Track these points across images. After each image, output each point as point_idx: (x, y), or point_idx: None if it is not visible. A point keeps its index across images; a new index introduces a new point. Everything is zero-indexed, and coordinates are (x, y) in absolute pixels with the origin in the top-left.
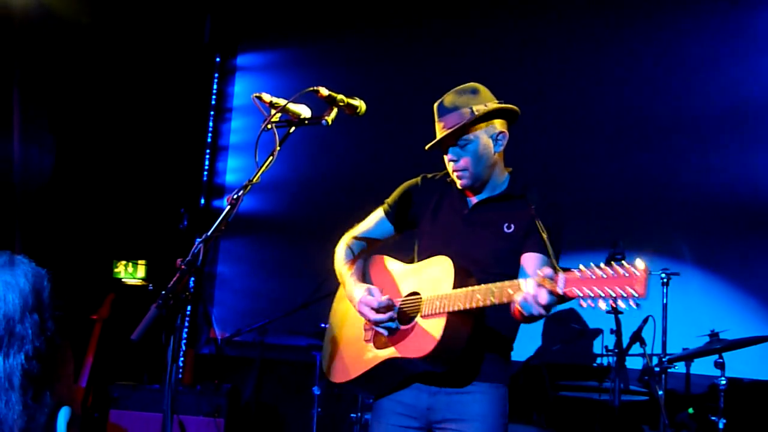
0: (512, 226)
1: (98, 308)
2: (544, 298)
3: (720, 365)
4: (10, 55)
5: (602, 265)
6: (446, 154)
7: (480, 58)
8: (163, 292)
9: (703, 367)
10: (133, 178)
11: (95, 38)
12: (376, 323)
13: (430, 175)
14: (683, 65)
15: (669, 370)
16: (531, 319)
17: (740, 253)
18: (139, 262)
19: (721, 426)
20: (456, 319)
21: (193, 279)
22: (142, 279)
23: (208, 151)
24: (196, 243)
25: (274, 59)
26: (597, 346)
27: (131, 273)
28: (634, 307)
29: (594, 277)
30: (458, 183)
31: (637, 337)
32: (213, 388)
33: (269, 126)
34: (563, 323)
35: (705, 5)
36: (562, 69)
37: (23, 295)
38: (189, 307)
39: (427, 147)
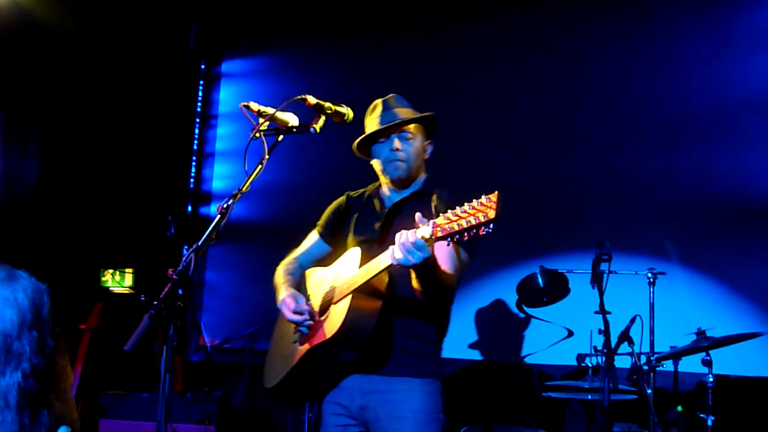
0: (425, 219)
1: (86, 318)
2: (411, 237)
3: (707, 363)
4: None
5: (465, 204)
6: (386, 144)
7: (469, 62)
8: (156, 303)
9: (691, 364)
10: (120, 186)
11: (80, 46)
12: (295, 324)
13: (353, 193)
14: (669, 65)
15: (657, 369)
16: (422, 283)
17: (726, 251)
18: (127, 270)
19: (709, 423)
20: (361, 298)
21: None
22: (130, 287)
23: (194, 158)
24: (187, 252)
25: (258, 66)
26: (585, 346)
27: (119, 281)
28: (489, 230)
29: (455, 216)
30: (394, 173)
31: (625, 336)
32: (203, 396)
33: (257, 134)
34: (551, 325)
35: (692, 6)
36: (549, 70)
37: (22, 312)
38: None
39: (370, 133)
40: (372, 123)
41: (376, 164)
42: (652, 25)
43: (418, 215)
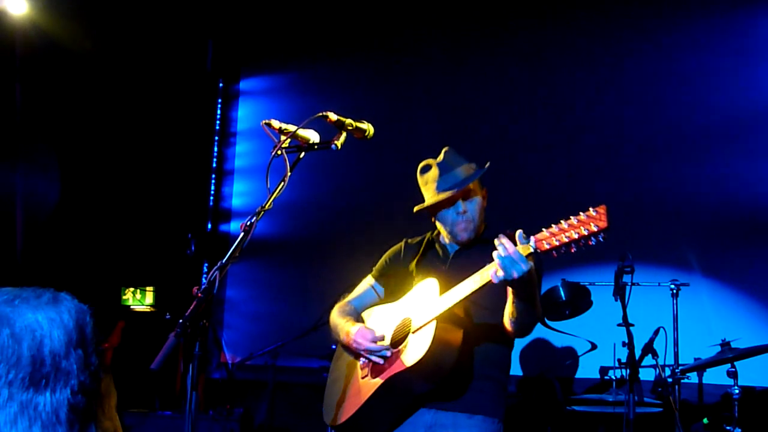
0: (523, 236)
1: (108, 336)
2: (518, 253)
3: (733, 374)
4: (12, 85)
5: (566, 219)
6: (452, 206)
7: (484, 77)
8: (181, 321)
9: (716, 376)
10: (140, 204)
11: (99, 66)
12: (370, 351)
13: (410, 240)
14: (691, 75)
15: (682, 381)
16: (519, 307)
17: (748, 261)
18: (147, 288)
19: None
20: (445, 328)
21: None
22: (151, 305)
23: (213, 176)
24: (212, 271)
25: (276, 83)
26: (609, 359)
27: (139, 300)
28: (601, 239)
29: (558, 229)
30: (463, 235)
31: (648, 348)
32: (225, 413)
33: (279, 152)
34: (574, 338)
35: (710, 17)
36: (565, 84)
37: (67, 331)
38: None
39: (439, 201)
40: (430, 187)
41: (440, 224)
42: (671, 36)
43: (518, 232)
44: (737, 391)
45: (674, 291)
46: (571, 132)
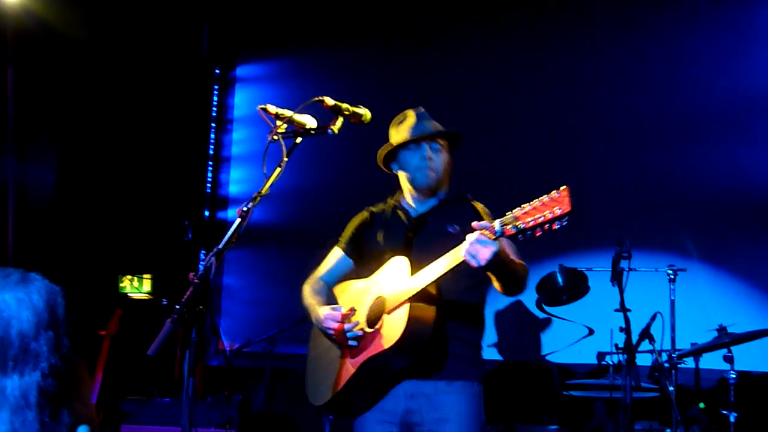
0: (456, 226)
1: (106, 324)
2: (487, 242)
3: (729, 359)
4: (5, 71)
5: (531, 202)
6: (417, 151)
7: (483, 61)
8: (177, 307)
9: (713, 361)
10: (136, 191)
11: (94, 54)
12: (342, 333)
13: (374, 207)
14: (685, 62)
15: (678, 366)
16: (501, 279)
17: (746, 247)
18: (145, 276)
19: (732, 419)
20: (418, 306)
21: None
22: (148, 293)
23: (210, 162)
24: (208, 256)
25: (273, 69)
26: (606, 345)
27: (137, 287)
28: (564, 224)
29: (523, 212)
30: (424, 180)
31: (645, 334)
32: (223, 400)
33: (275, 137)
34: (572, 323)
35: (710, 3)
36: (564, 70)
37: (37, 312)
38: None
39: (418, 135)
40: (402, 132)
41: (403, 173)
42: (670, 21)
43: (475, 223)
44: (733, 376)
45: (671, 276)
46: (568, 117)
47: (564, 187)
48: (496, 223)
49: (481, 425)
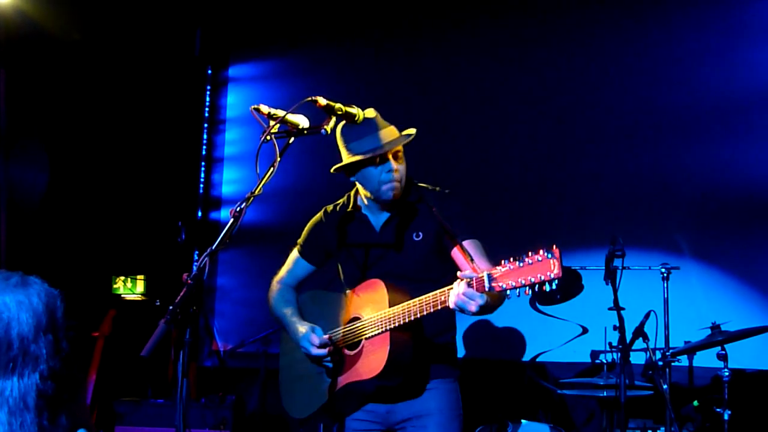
0: (420, 233)
1: (99, 325)
2: (475, 295)
3: (723, 357)
4: None
5: (518, 258)
6: (383, 164)
7: (473, 61)
8: (171, 307)
9: (706, 359)
10: (129, 193)
11: (87, 54)
12: (318, 359)
13: (330, 208)
14: (677, 60)
15: (672, 364)
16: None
17: (739, 244)
18: (138, 277)
19: (726, 417)
20: (399, 334)
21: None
22: (142, 294)
23: (203, 163)
24: (201, 257)
25: (265, 69)
26: (600, 343)
27: (130, 288)
28: (553, 287)
29: (513, 269)
30: (390, 194)
31: (639, 332)
32: (217, 401)
33: (268, 137)
34: (565, 322)
35: (696, 1)
36: (556, 68)
37: (36, 315)
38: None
39: (373, 154)
40: (364, 144)
41: (365, 186)
42: (664, 17)
43: (461, 273)
44: (727, 374)
45: (665, 275)
46: (561, 114)
47: (555, 248)
48: (485, 278)
49: (460, 420)
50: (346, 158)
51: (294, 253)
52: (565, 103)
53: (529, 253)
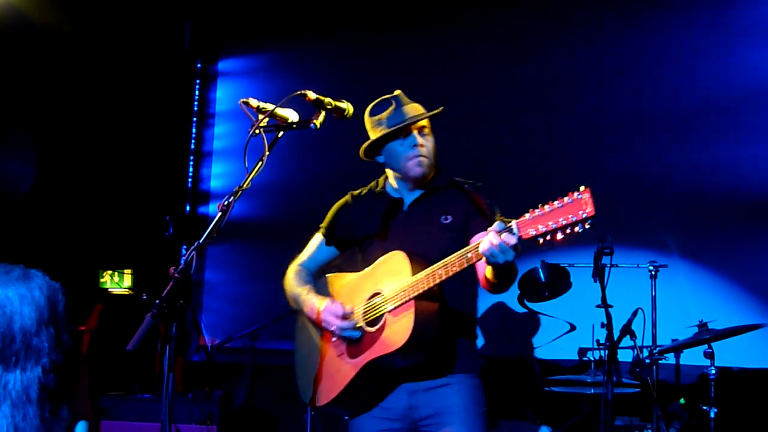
0: (449, 217)
1: (86, 319)
2: (511, 239)
3: (709, 355)
4: None
5: (549, 203)
6: (409, 141)
7: (467, 56)
8: (158, 302)
9: (693, 357)
10: (117, 186)
11: (76, 47)
12: (342, 330)
13: (356, 192)
14: (670, 59)
15: (659, 362)
16: (500, 277)
17: (726, 243)
18: (125, 271)
19: (712, 415)
20: (424, 304)
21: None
22: (129, 288)
23: (192, 157)
24: (189, 251)
25: (255, 64)
26: (587, 341)
27: (117, 282)
28: (587, 227)
29: (542, 213)
30: (416, 170)
31: (627, 329)
32: (204, 396)
33: (257, 131)
34: (553, 319)
35: (683, 2)
36: (545, 63)
37: (39, 309)
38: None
39: (405, 122)
40: (381, 122)
41: (392, 165)
42: (654, 18)
43: (496, 224)
44: (714, 372)
45: (653, 272)
46: (550, 113)
47: (584, 187)
48: (513, 225)
49: (485, 416)
50: (372, 136)
51: (316, 237)
52: (553, 102)
53: (557, 197)
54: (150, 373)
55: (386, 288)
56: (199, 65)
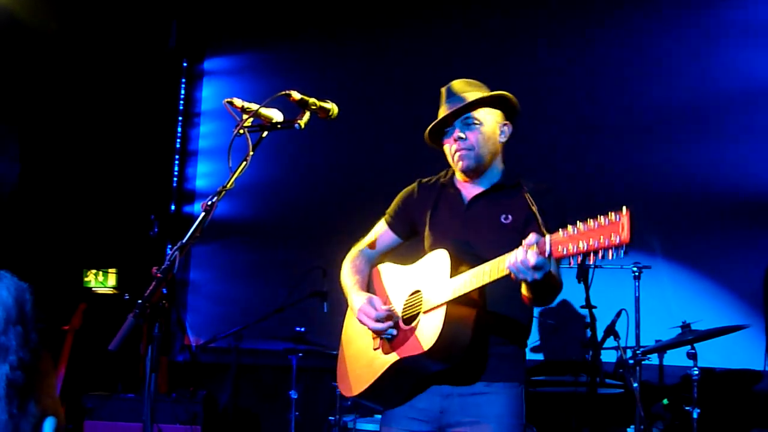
0: (509, 216)
1: (70, 318)
2: (533, 259)
3: (692, 356)
4: None
5: (586, 221)
6: (451, 133)
7: (453, 56)
8: (140, 301)
9: (676, 358)
10: (102, 185)
11: (61, 45)
12: (377, 332)
13: (425, 180)
14: (652, 60)
15: (643, 362)
16: (536, 293)
17: (710, 245)
18: (110, 270)
19: (695, 415)
20: (457, 310)
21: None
22: (113, 287)
23: (177, 156)
24: (172, 250)
25: (241, 63)
26: (572, 341)
27: (102, 282)
28: (622, 255)
29: (577, 232)
30: (460, 164)
31: (610, 330)
32: (188, 396)
33: (242, 131)
34: (537, 319)
35: (668, 3)
36: (527, 68)
37: (6, 308)
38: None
39: (433, 124)
40: (440, 112)
41: (447, 155)
42: (639, 19)
43: (531, 236)
44: (697, 373)
45: (636, 273)
46: (535, 114)
47: (626, 210)
48: (546, 241)
49: (519, 427)
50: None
51: (381, 223)
52: (538, 101)
53: (598, 216)
54: (134, 372)
55: (425, 287)
56: (185, 64)
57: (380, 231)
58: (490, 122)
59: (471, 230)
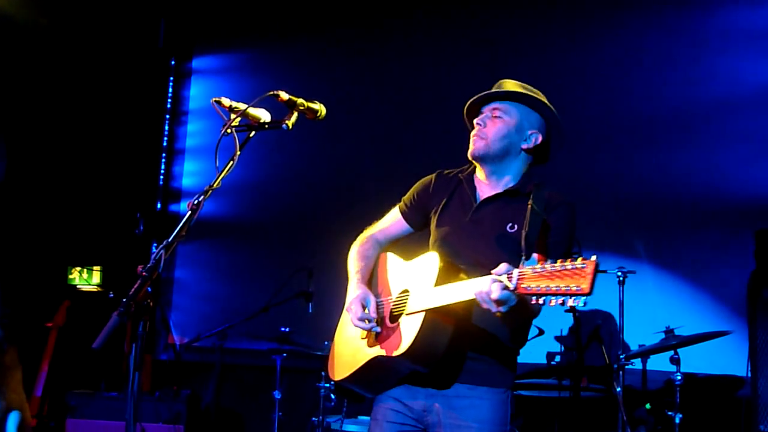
0: (515, 226)
1: (53, 315)
2: (495, 293)
3: (675, 361)
4: None
5: (558, 261)
6: (477, 119)
7: (442, 58)
8: (125, 300)
9: (659, 363)
10: (88, 182)
11: (49, 42)
12: (359, 325)
13: (446, 172)
14: (638, 65)
15: (626, 367)
16: (505, 320)
17: (694, 250)
18: (94, 268)
19: (677, 420)
20: (435, 317)
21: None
22: (98, 285)
23: (164, 154)
24: (157, 249)
25: (229, 62)
26: (556, 345)
27: (86, 279)
28: (581, 305)
29: (545, 272)
30: (470, 149)
31: (594, 335)
32: (172, 395)
33: (229, 130)
34: None
35: (660, 7)
36: (514, 73)
37: None
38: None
39: (469, 102)
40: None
41: None
42: (626, 25)
43: (501, 266)
44: (679, 378)
45: (621, 278)
46: None
47: (593, 259)
48: (514, 276)
49: None
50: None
51: (394, 210)
52: None
53: (573, 257)
54: (118, 371)
55: (413, 288)
56: (173, 62)
57: (393, 219)
58: (515, 120)
59: (475, 234)
